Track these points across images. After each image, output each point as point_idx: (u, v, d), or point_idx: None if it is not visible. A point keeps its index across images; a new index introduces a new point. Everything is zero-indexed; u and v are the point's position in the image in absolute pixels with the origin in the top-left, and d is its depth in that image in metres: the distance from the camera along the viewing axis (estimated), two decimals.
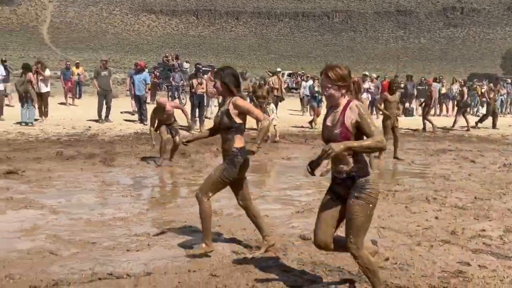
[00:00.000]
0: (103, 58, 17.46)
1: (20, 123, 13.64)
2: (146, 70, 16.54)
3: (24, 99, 13.65)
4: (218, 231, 5.39)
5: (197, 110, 14.77)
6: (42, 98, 14.39)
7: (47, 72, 14.69)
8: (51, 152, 9.87)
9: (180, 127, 10.15)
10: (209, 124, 15.09)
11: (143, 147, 10.98)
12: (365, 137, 3.36)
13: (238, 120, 4.45)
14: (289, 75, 35.77)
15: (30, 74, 13.79)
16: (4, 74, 15.20)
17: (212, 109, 18.65)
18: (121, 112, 16.91)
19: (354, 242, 3.44)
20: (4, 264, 4.23)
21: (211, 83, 17.17)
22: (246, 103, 4.55)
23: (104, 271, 4.11)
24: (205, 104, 15.70)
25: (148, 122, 11.36)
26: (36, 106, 14.09)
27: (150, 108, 11.84)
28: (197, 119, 14.64)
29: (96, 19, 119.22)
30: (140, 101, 15.33)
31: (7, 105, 15.55)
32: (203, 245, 4.54)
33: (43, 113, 14.65)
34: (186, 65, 28.79)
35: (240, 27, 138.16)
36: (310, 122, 16.73)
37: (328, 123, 3.52)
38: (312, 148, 11.91)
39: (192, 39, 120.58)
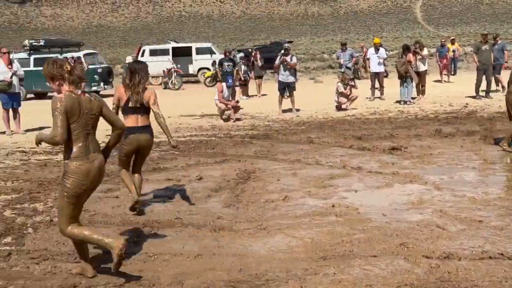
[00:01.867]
0: (483, 32, 16.95)
1: (399, 101, 14.43)
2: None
3: (404, 78, 14.34)
4: None
5: None
6: (420, 77, 14.86)
7: (425, 52, 15.11)
8: (430, 129, 10.15)
9: None
10: None
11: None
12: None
13: None
14: None
15: (410, 55, 14.38)
16: (385, 57, 16.32)
17: None
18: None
19: (58, 222, 3.91)
20: (397, 233, 4.66)
21: None
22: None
23: (495, 251, 4.08)
24: None
25: None
26: (414, 84, 14.64)
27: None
28: None
29: None
30: None
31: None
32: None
33: (420, 91, 15.12)
34: None
35: None
36: None
37: None
38: None
39: None
